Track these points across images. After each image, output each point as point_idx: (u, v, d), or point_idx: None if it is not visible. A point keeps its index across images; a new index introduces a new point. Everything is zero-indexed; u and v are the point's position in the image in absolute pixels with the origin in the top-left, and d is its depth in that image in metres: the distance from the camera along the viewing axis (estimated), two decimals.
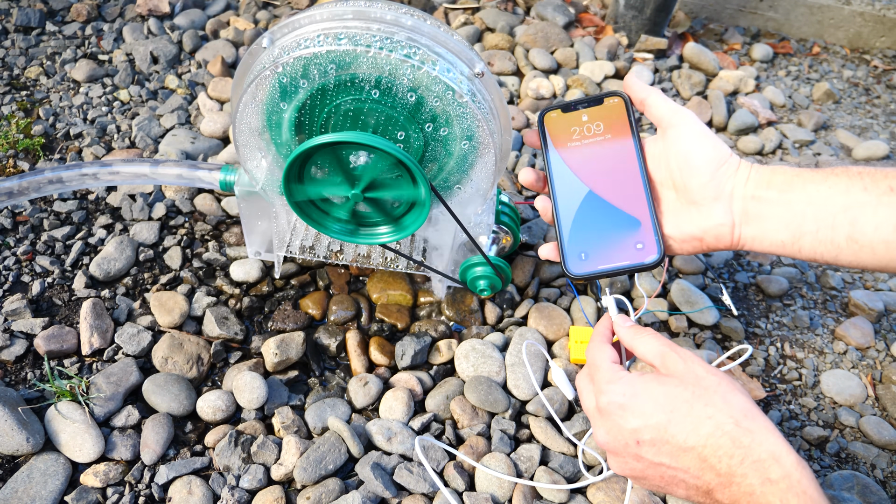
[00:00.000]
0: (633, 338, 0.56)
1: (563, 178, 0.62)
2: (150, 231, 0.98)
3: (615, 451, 0.53)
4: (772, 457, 0.46)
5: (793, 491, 0.45)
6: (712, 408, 0.48)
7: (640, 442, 0.51)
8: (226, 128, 1.15)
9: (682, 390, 0.50)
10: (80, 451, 0.74)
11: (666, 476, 0.51)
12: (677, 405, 0.49)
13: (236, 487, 0.73)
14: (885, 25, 1.60)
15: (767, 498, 0.45)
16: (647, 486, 0.54)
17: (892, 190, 0.52)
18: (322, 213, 0.75)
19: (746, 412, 0.48)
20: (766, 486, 0.45)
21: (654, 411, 0.50)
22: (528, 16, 1.54)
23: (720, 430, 0.48)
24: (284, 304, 0.93)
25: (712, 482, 0.48)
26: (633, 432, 0.51)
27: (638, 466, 0.52)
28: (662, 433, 0.49)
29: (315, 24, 0.66)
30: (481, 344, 0.88)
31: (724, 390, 0.49)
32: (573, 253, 0.61)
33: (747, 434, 0.47)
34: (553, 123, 0.64)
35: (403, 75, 0.64)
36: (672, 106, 0.59)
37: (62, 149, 1.10)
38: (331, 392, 0.85)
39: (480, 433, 0.80)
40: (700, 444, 0.48)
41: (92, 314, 0.85)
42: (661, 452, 0.50)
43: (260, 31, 1.37)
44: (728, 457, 0.47)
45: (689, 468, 0.49)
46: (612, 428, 0.52)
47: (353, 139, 0.64)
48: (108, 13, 1.37)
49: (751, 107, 1.38)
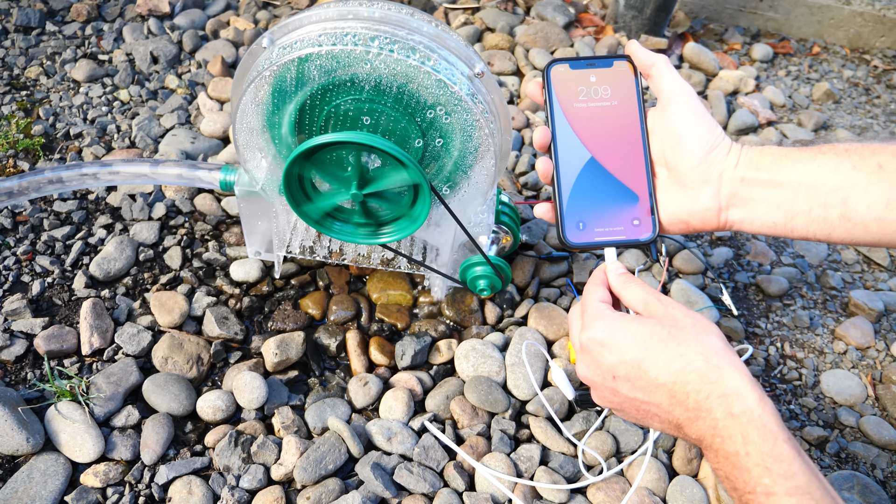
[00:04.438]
0: (621, 286, 0.57)
1: (566, 140, 0.61)
2: (150, 231, 0.98)
3: (594, 384, 0.55)
4: (736, 392, 0.47)
5: (753, 424, 0.46)
6: (684, 346, 0.50)
7: (616, 377, 0.52)
8: (226, 128, 1.15)
9: (658, 330, 0.51)
10: (80, 451, 0.74)
11: (641, 410, 0.53)
12: (652, 343, 0.51)
13: (236, 487, 0.73)
14: (885, 25, 1.60)
15: (729, 430, 0.46)
16: (626, 418, 0.56)
17: (881, 167, 0.52)
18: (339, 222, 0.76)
19: (717, 350, 0.49)
20: (729, 419, 0.46)
21: (629, 348, 0.51)
22: (528, 16, 1.53)
23: (690, 367, 0.49)
24: (284, 304, 0.93)
25: (681, 417, 0.49)
26: (609, 367, 0.53)
27: (615, 399, 0.54)
28: (636, 369, 0.51)
29: (315, 24, 0.66)
30: (481, 344, 0.88)
31: (698, 331, 0.51)
32: (571, 221, 0.60)
33: (715, 370, 0.48)
34: (560, 79, 0.62)
35: (403, 75, 0.64)
36: (674, 80, 0.59)
37: (62, 149, 1.10)
38: (331, 392, 0.85)
39: (480, 433, 0.80)
40: (670, 381, 0.49)
41: (92, 314, 0.85)
42: (635, 388, 0.52)
43: (260, 31, 1.37)
44: (695, 392, 0.48)
45: (661, 403, 0.50)
46: (592, 363, 0.54)
47: (353, 139, 0.64)
48: (108, 13, 1.37)
49: (751, 107, 1.38)
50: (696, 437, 0.49)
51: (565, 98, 0.62)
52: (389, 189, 0.72)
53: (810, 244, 1.12)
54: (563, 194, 0.61)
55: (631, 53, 0.61)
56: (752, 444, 0.45)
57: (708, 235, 1.12)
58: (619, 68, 0.62)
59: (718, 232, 1.11)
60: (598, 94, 0.62)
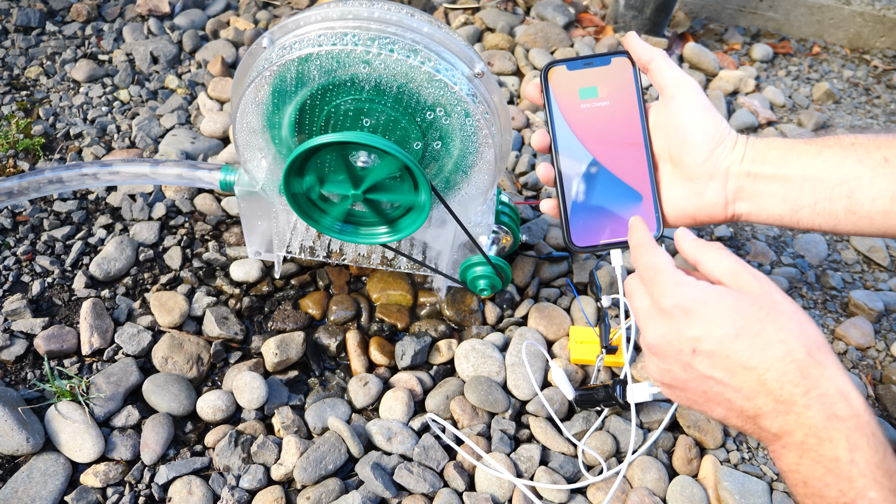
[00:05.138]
0: (700, 251, 0.52)
1: (566, 143, 0.61)
2: (150, 231, 0.98)
3: (663, 355, 0.50)
4: (840, 394, 0.43)
5: (861, 431, 0.42)
6: (786, 333, 0.45)
7: (696, 351, 0.47)
8: (226, 128, 1.15)
9: (756, 309, 0.46)
10: (80, 451, 0.74)
11: (710, 392, 0.48)
12: (749, 322, 0.46)
13: (236, 487, 0.73)
14: (885, 25, 1.60)
15: (831, 433, 0.42)
16: (681, 400, 0.51)
17: (886, 161, 0.52)
18: (320, 212, 0.75)
19: (820, 346, 0.45)
20: (833, 421, 0.43)
21: (722, 322, 0.46)
22: (528, 16, 1.54)
23: (790, 357, 0.44)
24: (284, 304, 0.93)
25: (764, 408, 0.45)
26: (692, 340, 0.47)
27: (682, 376, 0.49)
28: (725, 347, 0.46)
29: (315, 24, 0.66)
30: (481, 344, 0.88)
31: (800, 319, 0.46)
32: (576, 225, 0.60)
33: (818, 367, 0.44)
34: (557, 80, 0.62)
35: (403, 75, 0.64)
36: (676, 74, 0.58)
37: (62, 149, 1.10)
38: (331, 392, 0.85)
39: (480, 433, 0.80)
40: (763, 367, 0.45)
41: (92, 314, 0.85)
42: (717, 366, 0.47)
43: (260, 31, 1.37)
44: (792, 385, 0.44)
45: (743, 388, 0.46)
46: (670, 332, 0.49)
47: (353, 139, 0.64)
48: (108, 13, 1.37)
49: (751, 107, 1.38)
50: (778, 432, 0.45)
51: (564, 100, 0.62)
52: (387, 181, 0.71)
53: (811, 244, 1.12)
54: (566, 198, 0.61)
55: (629, 48, 0.61)
56: (860, 452, 0.42)
57: (708, 236, 1.12)
58: (616, 66, 0.61)
59: (719, 232, 1.11)
60: (597, 94, 0.61)
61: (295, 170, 0.69)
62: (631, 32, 0.62)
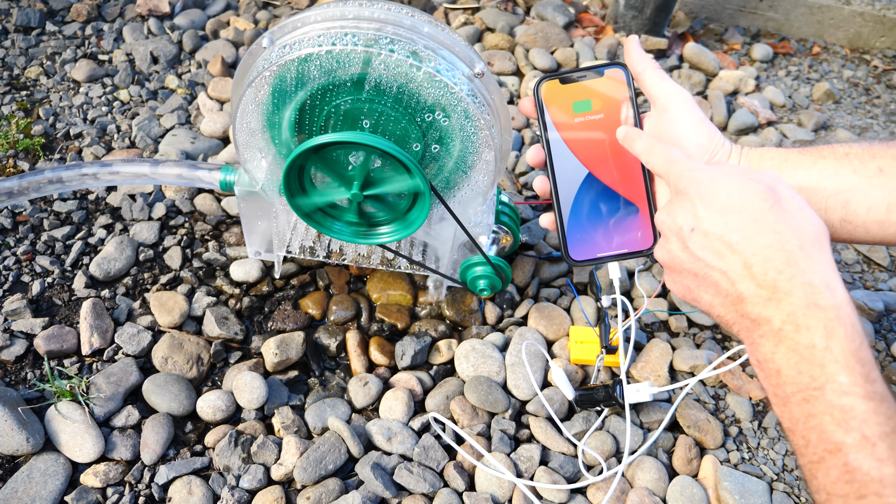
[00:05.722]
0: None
1: (561, 158, 0.61)
2: (150, 231, 0.98)
3: (667, 232, 0.51)
4: (825, 284, 0.43)
5: (840, 321, 0.42)
6: (783, 224, 0.45)
7: (694, 230, 0.48)
8: (226, 128, 1.15)
9: (761, 198, 0.46)
10: (80, 451, 0.74)
11: (700, 274, 0.49)
12: (749, 208, 0.46)
13: (236, 487, 0.73)
14: (885, 25, 1.60)
15: (809, 321, 0.43)
16: (677, 287, 0.52)
17: (881, 171, 0.52)
18: (330, 218, 0.76)
19: (817, 242, 0.45)
20: (812, 309, 0.43)
21: (723, 204, 0.47)
22: (528, 16, 1.53)
23: (780, 246, 0.45)
24: (284, 304, 0.93)
25: (746, 292, 0.46)
26: (694, 218, 0.48)
27: (679, 256, 0.50)
28: (719, 228, 0.47)
29: (315, 24, 0.66)
30: (481, 344, 0.88)
31: (804, 216, 0.46)
32: (574, 239, 0.60)
33: (807, 259, 0.44)
34: (550, 95, 0.61)
35: (403, 75, 0.64)
36: (667, 87, 0.58)
37: (62, 149, 1.10)
38: (331, 392, 0.85)
39: (480, 433, 0.80)
40: (751, 251, 0.45)
41: (92, 314, 0.85)
42: (708, 247, 0.47)
43: (260, 31, 1.37)
44: (776, 271, 0.44)
45: (728, 271, 0.46)
46: (676, 209, 0.50)
47: (353, 139, 0.64)
48: (108, 13, 1.37)
49: (751, 107, 1.38)
50: (757, 318, 0.45)
51: (557, 114, 0.61)
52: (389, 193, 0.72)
53: None
54: (563, 213, 0.61)
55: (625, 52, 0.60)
56: (836, 339, 0.42)
57: None
58: (610, 77, 0.60)
59: None
60: (591, 107, 0.61)
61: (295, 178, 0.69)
62: (632, 37, 0.61)
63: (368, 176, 0.70)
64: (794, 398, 0.43)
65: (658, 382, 0.86)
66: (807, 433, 0.43)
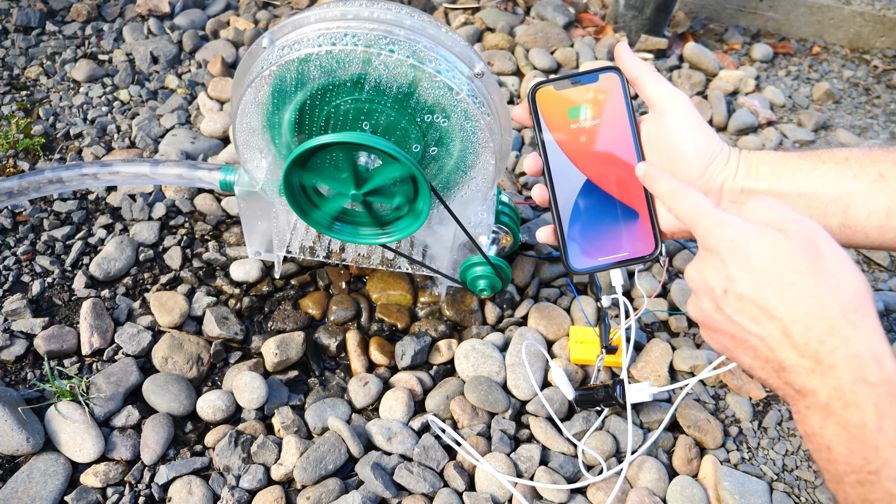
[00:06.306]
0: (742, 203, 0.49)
1: (559, 165, 0.60)
2: (150, 231, 0.98)
3: (698, 291, 0.49)
4: (873, 356, 0.40)
5: (893, 398, 0.39)
6: (822, 288, 0.42)
7: (727, 291, 0.46)
8: (226, 128, 1.15)
9: (797, 259, 0.44)
10: (80, 451, 0.74)
11: (738, 337, 0.46)
12: (786, 271, 0.43)
13: (236, 487, 0.73)
14: (885, 25, 1.60)
15: (858, 398, 0.40)
16: (714, 342, 0.49)
17: (881, 176, 0.52)
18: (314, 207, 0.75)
19: (860, 307, 0.42)
20: (860, 385, 0.40)
21: (758, 267, 0.44)
22: (528, 16, 1.54)
23: (820, 313, 0.42)
24: (284, 304, 0.93)
25: (788, 361, 0.43)
26: (726, 279, 0.46)
27: (714, 316, 0.48)
28: (755, 292, 0.44)
29: (315, 24, 0.66)
30: (481, 344, 0.88)
31: (844, 276, 0.43)
32: (573, 248, 0.60)
33: (850, 327, 0.41)
34: (545, 101, 0.60)
35: (403, 75, 0.64)
36: (665, 90, 0.57)
37: (62, 149, 1.10)
38: (331, 392, 0.85)
39: (480, 433, 0.80)
40: (790, 318, 0.43)
41: (92, 314, 0.85)
42: (743, 311, 0.45)
43: (260, 31, 1.37)
44: (818, 341, 0.42)
45: (767, 338, 0.44)
46: (707, 268, 0.47)
47: (353, 139, 0.64)
48: (108, 13, 1.37)
49: (751, 107, 1.38)
50: (801, 388, 0.43)
51: (553, 121, 0.60)
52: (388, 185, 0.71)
53: None
54: (562, 221, 0.60)
55: (618, 60, 0.60)
56: (889, 420, 0.39)
57: None
58: (605, 82, 0.60)
59: None
60: (587, 113, 0.60)
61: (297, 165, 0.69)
62: (621, 43, 0.61)
63: (362, 174, 0.70)
64: (848, 479, 0.41)
65: (658, 382, 0.86)
66: None
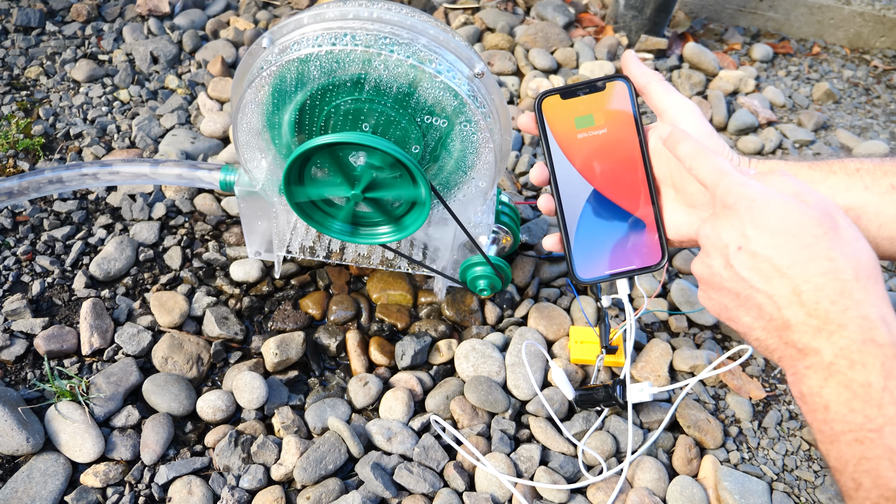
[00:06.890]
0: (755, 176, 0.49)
1: (565, 175, 0.60)
2: (150, 231, 0.98)
3: (710, 247, 0.49)
4: (882, 320, 0.41)
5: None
6: (838, 252, 0.43)
7: (741, 248, 0.46)
8: (226, 128, 1.15)
9: (815, 224, 0.44)
10: (80, 451, 0.74)
11: (742, 295, 0.46)
12: (803, 233, 0.44)
13: (236, 487, 0.73)
14: (885, 25, 1.60)
15: (865, 357, 0.40)
16: (713, 304, 0.50)
17: (893, 188, 0.52)
18: (323, 214, 0.76)
19: (871, 275, 0.43)
20: (869, 345, 0.41)
21: (775, 226, 0.45)
22: (528, 16, 1.54)
23: (834, 275, 0.42)
24: (284, 304, 0.93)
25: (794, 319, 0.43)
26: (741, 237, 0.46)
27: (720, 273, 0.48)
28: (769, 250, 0.44)
29: (315, 24, 0.66)
30: (481, 344, 0.88)
31: (858, 246, 0.44)
32: (580, 258, 0.59)
33: (862, 291, 0.42)
34: (552, 110, 0.60)
35: (403, 76, 0.64)
36: (674, 99, 0.57)
37: (62, 149, 1.10)
38: (331, 392, 0.85)
39: (480, 433, 0.80)
40: (802, 278, 0.43)
41: (92, 314, 0.85)
42: (755, 268, 0.45)
43: (260, 31, 1.37)
44: (829, 301, 0.42)
45: (775, 295, 0.44)
46: (723, 224, 0.47)
47: (353, 140, 0.64)
48: (108, 13, 1.37)
49: (751, 107, 1.38)
50: (804, 347, 0.43)
51: (560, 130, 0.60)
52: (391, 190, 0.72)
53: None
54: (569, 231, 0.60)
55: (626, 69, 0.59)
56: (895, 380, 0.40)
57: None
58: (612, 91, 0.59)
59: None
60: (594, 122, 0.59)
61: (295, 176, 0.69)
62: (628, 52, 0.60)
63: (374, 180, 0.70)
64: (845, 437, 0.41)
65: (658, 382, 0.86)
66: (858, 476, 0.41)
